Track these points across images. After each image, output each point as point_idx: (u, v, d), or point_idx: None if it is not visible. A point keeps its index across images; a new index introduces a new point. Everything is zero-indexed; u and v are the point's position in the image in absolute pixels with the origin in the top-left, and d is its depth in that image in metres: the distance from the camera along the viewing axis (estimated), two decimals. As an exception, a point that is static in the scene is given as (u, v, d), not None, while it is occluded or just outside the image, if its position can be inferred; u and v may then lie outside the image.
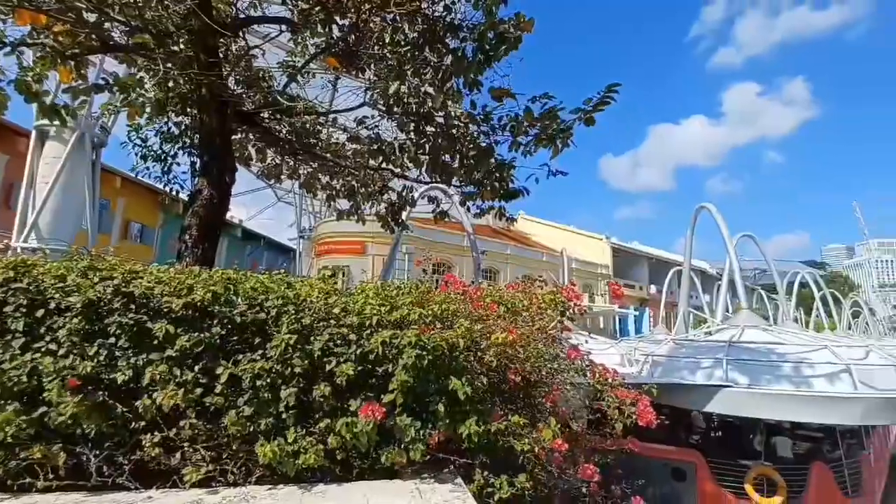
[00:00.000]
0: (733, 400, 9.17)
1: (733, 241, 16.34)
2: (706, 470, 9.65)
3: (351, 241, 24.07)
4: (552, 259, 31.38)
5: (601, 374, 4.44)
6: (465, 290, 3.63)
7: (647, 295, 40.07)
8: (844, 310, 36.12)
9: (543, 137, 5.64)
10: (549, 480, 2.92)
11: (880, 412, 8.89)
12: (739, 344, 10.22)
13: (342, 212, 8.85)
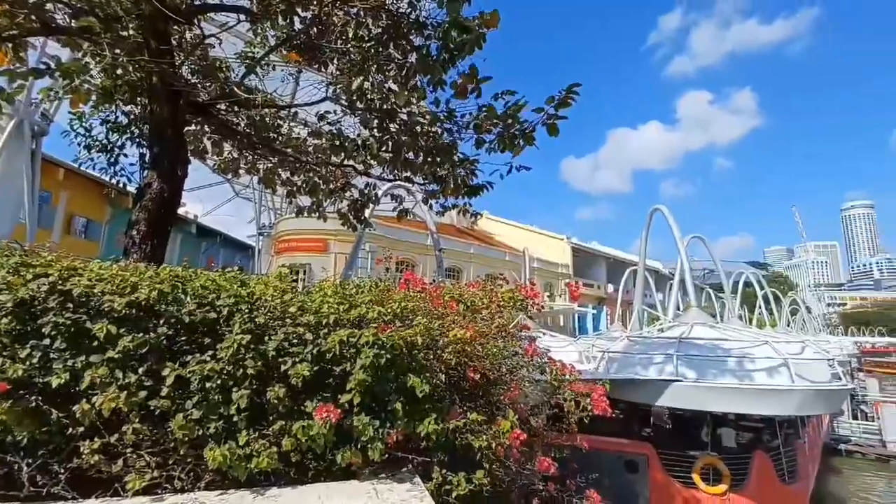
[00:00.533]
0: (682, 394, 9.62)
1: (684, 242, 17.13)
2: (657, 461, 10.09)
3: (312, 239, 23.60)
4: (514, 258, 31.86)
5: (559, 370, 4.55)
6: (424, 288, 3.62)
7: (605, 294, 41.36)
8: (784, 308, 38.59)
9: (506, 137, 5.72)
10: (507, 476, 2.95)
11: (814, 403, 9.57)
12: (688, 340, 10.73)
13: (303, 208, 8.66)
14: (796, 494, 10.70)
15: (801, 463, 11.84)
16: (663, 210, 14.16)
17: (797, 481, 11.15)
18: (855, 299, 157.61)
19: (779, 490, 10.27)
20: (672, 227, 13.79)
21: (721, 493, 9.66)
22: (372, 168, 7.88)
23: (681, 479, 10.13)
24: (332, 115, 7.23)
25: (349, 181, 8.49)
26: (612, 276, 40.96)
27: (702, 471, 9.97)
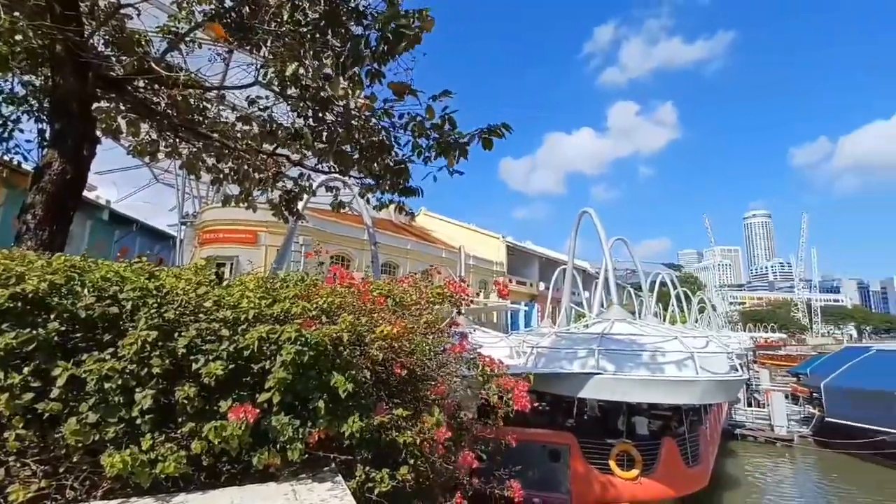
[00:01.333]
0: (602, 386, 10.25)
1: (609, 243, 18.20)
2: (578, 450, 10.67)
3: (241, 230, 22.37)
4: (451, 255, 32.20)
5: (487, 365, 4.66)
6: (352, 283, 3.56)
7: (537, 291, 42.99)
8: (693, 306, 42.24)
9: (442, 144, 5.79)
10: (431, 471, 2.98)
11: (715, 392, 10.58)
12: (609, 336, 11.44)
13: (230, 197, 8.19)
14: (698, 475, 11.79)
15: (702, 447, 13.04)
16: (591, 213, 14.96)
17: (699, 464, 12.27)
18: (752, 299, 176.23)
19: (683, 472, 11.26)
20: (598, 229, 14.61)
21: (633, 477, 10.42)
22: (306, 159, 7.62)
23: (599, 465, 10.80)
24: (263, 100, 6.89)
25: (281, 171, 8.14)
26: (544, 274, 42.65)
27: (617, 457, 10.68)
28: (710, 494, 14.91)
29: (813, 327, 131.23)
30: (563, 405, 14.35)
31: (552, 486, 10.69)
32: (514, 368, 12.83)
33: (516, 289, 42.04)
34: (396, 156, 6.60)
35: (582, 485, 10.30)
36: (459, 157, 5.81)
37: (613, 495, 10.34)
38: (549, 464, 10.88)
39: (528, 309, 41.66)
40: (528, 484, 11.36)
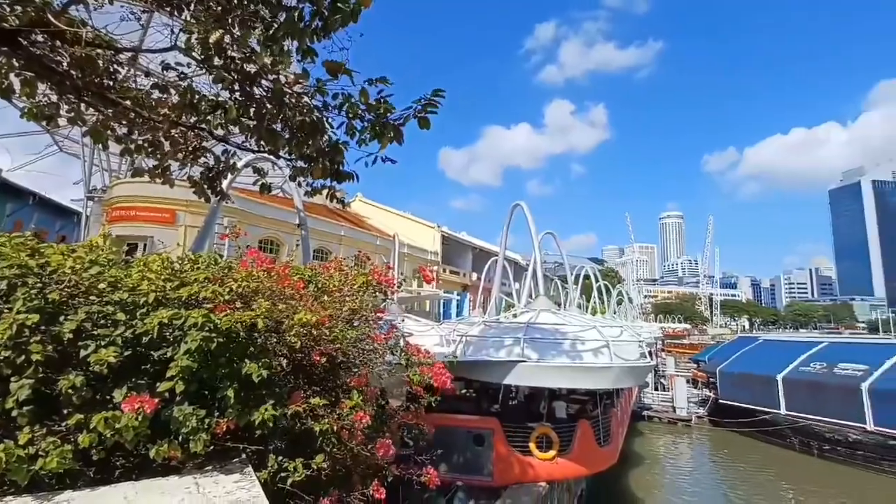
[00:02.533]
0: (526, 373, 10.70)
1: (539, 237, 18.91)
2: (501, 434, 11.09)
3: (156, 208, 20.60)
4: (386, 243, 31.91)
5: (413, 352, 4.69)
6: (270, 267, 3.41)
7: (470, 281, 43.85)
8: (613, 298, 45.22)
9: (377, 127, 5.65)
10: (350, 458, 2.96)
11: (627, 377, 11.42)
12: (535, 325, 11.94)
13: (142, 170, 7.48)
14: (608, 454, 12.73)
15: (614, 428, 14.08)
16: (523, 206, 15.46)
17: (610, 443, 13.25)
18: (664, 292, 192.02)
19: (595, 452, 12.09)
20: (529, 222, 15.14)
21: (551, 458, 11.03)
22: (232, 135, 7.14)
23: (520, 448, 11.29)
24: (184, 68, 6.34)
25: (203, 145, 7.57)
26: (477, 265, 43.55)
27: (537, 440, 11.24)
28: (618, 470, 16.20)
29: (713, 319, 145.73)
30: (489, 392, 14.84)
31: (476, 469, 11.05)
32: (442, 356, 13.04)
33: (450, 278, 42.62)
34: (330, 138, 6.37)
35: (503, 467, 10.73)
36: (393, 141, 5.70)
37: (532, 475, 10.89)
38: (474, 448, 11.23)
39: (460, 298, 42.42)
40: (453, 468, 11.69)
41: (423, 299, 37.91)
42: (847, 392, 19.82)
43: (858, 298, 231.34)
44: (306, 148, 6.54)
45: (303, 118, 6.31)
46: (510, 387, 13.57)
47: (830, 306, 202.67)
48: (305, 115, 6.30)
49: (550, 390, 12.87)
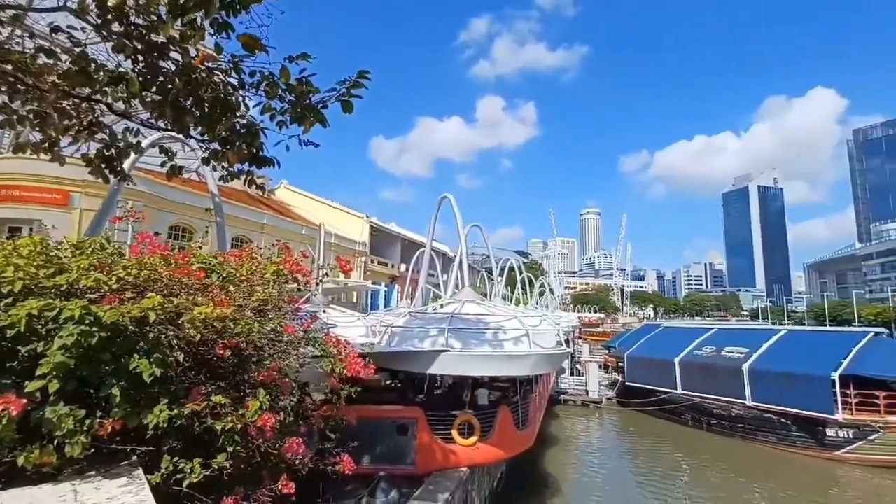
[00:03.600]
0: (450, 362, 10.91)
1: (465, 229, 19.27)
2: (425, 423, 11.24)
3: (46, 188, 18.17)
4: (312, 232, 30.84)
5: (333, 344, 4.59)
6: (166, 254, 3.16)
7: (398, 272, 43.70)
8: (535, 289, 47.36)
9: (298, 108, 5.39)
10: (259, 455, 2.84)
11: (544, 364, 12.03)
12: (459, 316, 12.20)
13: (26, 144, 6.56)
14: (526, 437, 13.39)
15: (532, 412, 14.83)
16: (450, 199, 15.65)
17: (528, 427, 13.94)
18: (582, 284, 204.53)
19: (514, 435, 12.67)
20: (456, 214, 15.37)
21: (472, 443, 11.39)
22: (135, 111, 6.46)
23: (443, 436, 11.53)
24: (77, 31, 5.61)
25: (100, 120, 6.78)
26: (406, 256, 43.46)
27: (459, 427, 11.54)
28: (536, 452, 17.12)
29: (624, 308, 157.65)
30: (415, 382, 14.96)
31: (399, 458, 11.12)
32: (368, 347, 12.90)
33: (378, 269, 42.17)
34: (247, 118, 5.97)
35: (426, 455, 10.90)
36: (314, 122, 5.47)
37: (454, 462, 11.17)
38: (398, 438, 11.28)
39: (388, 289, 42.17)
40: (376, 459, 11.65)
41: (351, 290, 37.20)
42: (731, 372, 22.47)
43: (744, 290, 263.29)
44: (219, 128, 6.10)
45: (215, 95, 5.87)
46: (435, 376, 13.78)
47: (721, 297, 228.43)
48: (217, 93, 5.87)
49: (473, 378, 13.24)
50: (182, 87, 5.89)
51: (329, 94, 5.25)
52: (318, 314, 8.25)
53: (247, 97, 5.90)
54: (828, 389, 19.03)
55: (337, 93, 5.19)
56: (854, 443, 18.67)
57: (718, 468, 18.97)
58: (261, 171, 6.91)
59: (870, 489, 16.83)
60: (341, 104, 5.28)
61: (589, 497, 16.06)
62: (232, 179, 7.41)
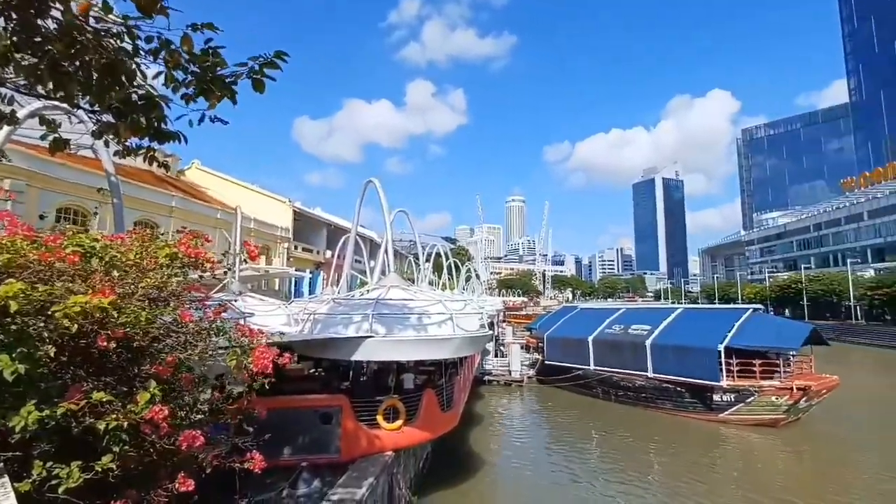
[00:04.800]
0: (374, 348, 10.86)
1: (392, 214, 19.10)
2: (349, 410, 11.13)
3: None
4: (228, 217, 28.93)
5: (245, 334, 4.36)
6: (31, 235, 2.79)
7: (324, 259, 42.48)
8: (462, 275, 48.35)
9: (204, 81, 4.95)
10: (154, 453, 2.64)
11: (467, 347, 12.36)
12: (384, 301, 12.14)
13: None
14: (450, 418, 13.75)
15: (456, 394, 15.23)
16: (375, 183, 15.39)
17: (452, 408, 14.31)
18: (507, 269, 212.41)
19: (439, 417, 12.95)
20: (381, 199, 15.17)
21: (397, 427, 11.48)
22: (8, 75, 5.56)
23: (368, 422, 11.50)
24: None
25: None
26: (332, 242, 42.24)
27: (385, 412, 11.57)
28: (461, 431, 17.67)
29: (545, 292, 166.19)
30: (340, 369, 14.72)
31: (323, 447, 10.94)
32: (291, 335, 12.45)
33: (302, 256, 40.68)
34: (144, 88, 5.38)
35: (350, 442, 10.83)
36: (223, 99, 5.08)
37: (379, 446, 11.21)
38: (321, 426, 11.08)
39: (313, 276, 40.87)
40: (299, 449, 11.37)
41: (272, 277, 35.58)
42: (636, 348, 24.62)
43: (649, 273, 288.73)
44: (110, 98, 5.47)
45: (104, 61, 5.24)
46: (360, 363, 13.65)
47: (630, 279, 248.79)
48: (107, 58, 5.25)
49: (399, 363, 13.30)
50: (63, 49, 5.19)
51: (240, 69, 4.87)
52: (230, 303, 7.79)
53: (144, 65, 5.33)
54: (715, 360, 21.51)
55: (248, 69, 4.82)
56: (735, 405, 21.35)
57: (622, 434, 20.85)
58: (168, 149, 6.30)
59: (746, 445, 19.41)
60: (252, 82, 4.92)
61: (508, 467, 16.94)
62: (129, 156, 6.68)
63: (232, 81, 4.95)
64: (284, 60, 4.90)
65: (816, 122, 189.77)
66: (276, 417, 8.38)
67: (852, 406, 24.43)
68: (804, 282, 76.72)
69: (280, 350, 5.30)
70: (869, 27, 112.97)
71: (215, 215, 29.27)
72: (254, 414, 4.91)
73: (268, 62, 4.80)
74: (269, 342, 4.04)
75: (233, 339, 3.76)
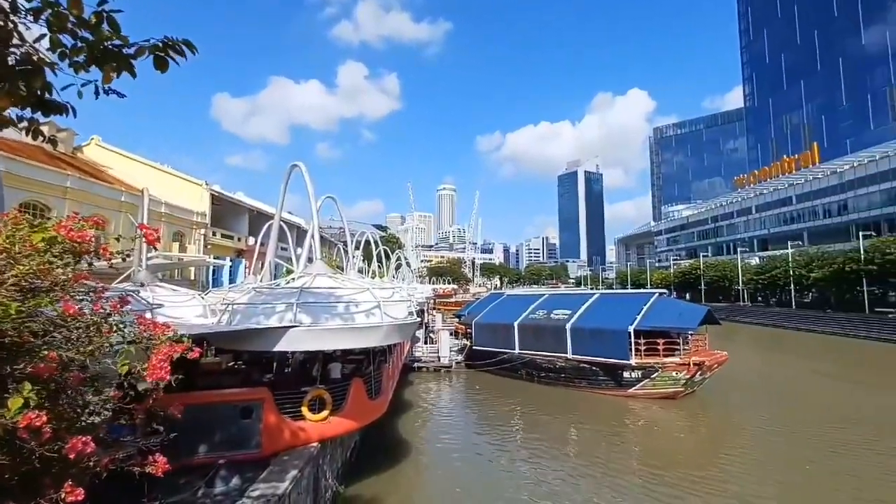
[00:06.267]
0: (299, 338, 10.53)
1: (319, 201, 18.49)
2: (272, 403, 10.74)
3: None
4: (135, 199, 26.40)
5: (146, 328, 4.04)
6: None
7: (246, 246, 40.22)
8: (392, 263, 48.07)
9: (96, 49, 4.42)
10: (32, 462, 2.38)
11: (395, 334, 12.34)
12: (309, 290, 11.77)
13: None
14: (378, 406, 13.73)
15: (384, 381, 15.23)
16: (301, 167, 14.75)
17: (380, 396, 14.30)
18: (438, 257, 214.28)
19: (367, 405, 12.89)
20: (307, 184, 14.59)
21: (323, 418, 11.28)
22: None
23: (292, 414, 11.18)
24: None
25: None
26: (255, 228, 40.03)
27: (310, 403, 11.30)
28: (390, 418, 17.75)
29: (474, 279, 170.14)
30: (262, 361, 14.11)
31: (242, 443, 10.48)
32: (204, 328, 11.70)
33: (221, 242, 38.21)
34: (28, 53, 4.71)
35: (272, 436, 10.46)
36: (120, 72, 4.58)
37: (304, 438, 10.94)
38: (241, 422, 10.60)
39: (233, 264, 38.62)
40: (216, 447, 10.82)
41: (187, 266, 33.14)
42: (557, 331, 26.07)
43: (571, 260, 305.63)
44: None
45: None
46: (284, 354, 13.19)
47: (554, 267, 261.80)
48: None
49: (325, 353, 13.02)
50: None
51: (143, 42, 4.40)
52: (134, 294, 7.16)
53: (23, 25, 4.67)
54: (625, 340, 23.39)
55: (151, 45, 4.36)
56: (642, 381, 23.40)
57: (544, 411, 22.12)
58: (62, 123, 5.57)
59: (649, 416, 21.40)
60: (154, 59, 4.45)
61: (436, 450, 17.33)
62: (6, 127, 5.86)
63: (131, 55, 4.47)
64: (193, 52, 4.48)
65: (717, 124, 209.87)
66: (191, 414, 7.89)
67: (737, 376, 27.74)
68: (702, 268, 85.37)
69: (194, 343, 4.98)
70: (762, 40, 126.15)
71: (119, 198, 26.56)
72: (165, 413, 4.61)
73: (173, 45, 4.36)
74: (176, 336, 3.77)
75: (128, 335, 3.46)
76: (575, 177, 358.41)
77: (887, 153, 65.06)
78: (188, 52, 4.45)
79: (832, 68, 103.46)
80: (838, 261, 55.82)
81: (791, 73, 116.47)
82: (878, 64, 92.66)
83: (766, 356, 40.38)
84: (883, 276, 50.98)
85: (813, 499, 13.23)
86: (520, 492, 13.58)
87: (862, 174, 68.22)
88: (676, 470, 15.01)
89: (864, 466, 14.99)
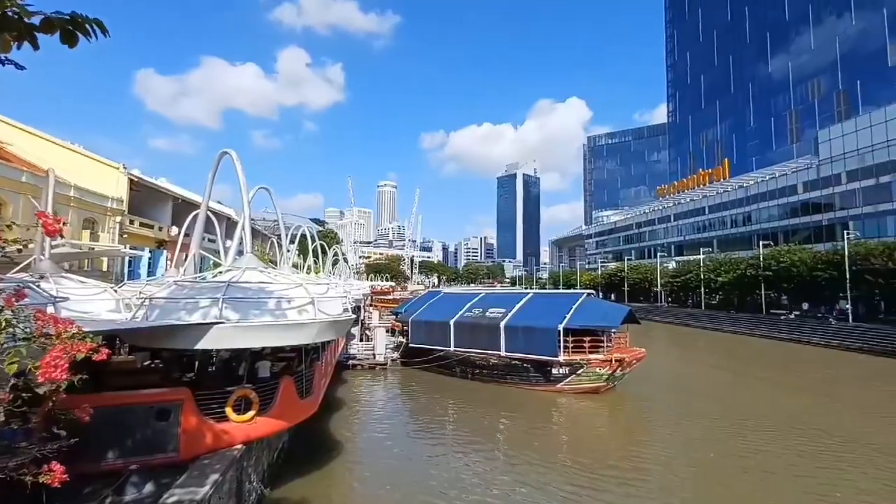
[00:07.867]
0: (224, 335, 10.05)
1: (252, 191, 17.69)
2: (192, 404, 10.16)
3: None
4: (38, 181, 23.75)
5: (44, 324, 3.71)
6: None
7: (168, 236, 37.48)
8: (329, 258, 46.91)
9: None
10: None
11: (328, 331, 12.12)
12: (237, 284, 11.24)
13: None
14: (309, 405, 13.40)
15: (316, 380, 14.88)
16: (232, 155, 14.02)
17: (312, 395, 13.96)
18: (376, 254, 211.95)
19: (296, 405, 12.53)
20: (239, 173, 13.90)
21: (249, 419, 10.83)
22: None
23: (216, 415, 10.64)
24: None
25: None
26: (179, 217, 37.42)
27: (235, 403, 10.81)
28: (322, 417, 17.36)
29: (413, 277, 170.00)
30: (183, 359, 13.26)
31: (158, 447, 9.83)
32: (117, 324, 10.81)
33: (140, 232, 35.34)
34: None
35: (192, 439, 9.89)
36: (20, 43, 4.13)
37: (227, 441, 10.44)
38: (156, 424, 9.93)
39: (154, 255, 35.91)
40: (127, 451, 10.08)
41: (99, 256, 30.32)
42: (492, 329, 26.76)
43: (507, 260, 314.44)
44: None
45: None
46: (208, 352, 12.49)
47: (491, 266, 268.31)
48: None
49: (253, 351, 12.51)
50: None
51: (52, 14, 3.98)
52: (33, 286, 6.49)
53: None
54: (555, 338, 24.50)
55: (59, 19, 3.95)
56: (569, 377, 24.65)
57: (476, 407, 22.67)
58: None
59: (575, 409, 22.61)
60: (61, 32, 4.03)
61: (367, 448, 17.22)
62: None
63: (34, 25, 4.03)
64: (105, 34, 4.05)
65: (643, 137, 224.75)
66: (101, 417, 7.28)
67: (653, 371, 30.00)
68: (626, 271, 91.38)
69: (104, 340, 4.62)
70: (685, 61, 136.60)
71: (19, 178, 23.79)
72: (68, 416, 4.27)
73: (80, 23, 3.95)
74: (81, 334, 3.49)
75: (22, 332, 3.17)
76: (514, 179, 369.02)
77: (785, 172, 73.10)
78: (100, 33, 4.07)
79: (744, 91, 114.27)
80: (741, 266, 62.13)
81: (709, 93, 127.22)
82: (781, 90, 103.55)
83: (677, 353, 44.01)
84: (778, 280, 57.35)
85: (720, 478, 14.67)
86: (449, 486, 13.84)
87: (763, 190, 76.12)
88: (597, 457, 16.03)
89: (762, 446, 16.87)
